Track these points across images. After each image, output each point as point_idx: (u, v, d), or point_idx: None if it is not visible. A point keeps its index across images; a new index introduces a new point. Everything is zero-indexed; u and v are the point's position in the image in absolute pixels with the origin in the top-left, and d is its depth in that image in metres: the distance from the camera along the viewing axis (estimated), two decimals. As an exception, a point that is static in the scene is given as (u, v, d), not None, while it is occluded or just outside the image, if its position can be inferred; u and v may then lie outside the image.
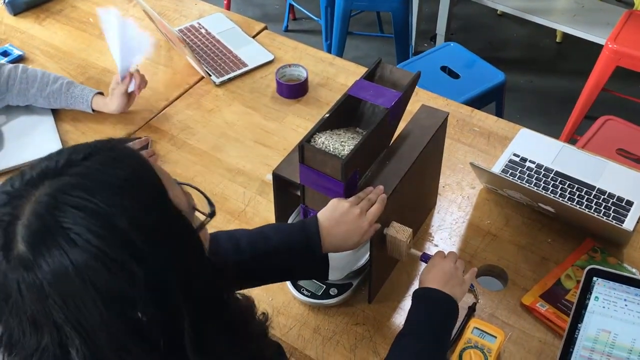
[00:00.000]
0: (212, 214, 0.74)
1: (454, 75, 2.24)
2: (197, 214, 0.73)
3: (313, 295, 1.19)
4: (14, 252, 0.60)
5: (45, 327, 0.61)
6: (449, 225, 1.34)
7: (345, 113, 1.13)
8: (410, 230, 1.10)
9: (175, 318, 0.64)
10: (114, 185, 0.62)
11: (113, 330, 0.61)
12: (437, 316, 1.00)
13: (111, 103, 1.55)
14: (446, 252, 1.10)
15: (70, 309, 0.60)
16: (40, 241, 0.60)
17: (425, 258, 1.12)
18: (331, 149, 1.06)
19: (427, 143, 1.16)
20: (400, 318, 1.18)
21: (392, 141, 1.18)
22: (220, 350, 0.69)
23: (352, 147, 1.03)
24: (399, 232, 1.09)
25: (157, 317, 0.62)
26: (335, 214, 1.02)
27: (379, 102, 1.08)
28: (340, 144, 1.10)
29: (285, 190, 1.18)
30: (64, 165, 0.63)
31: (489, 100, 2.20)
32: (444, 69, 2.25)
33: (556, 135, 2.35)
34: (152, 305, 0.62)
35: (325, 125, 1.09)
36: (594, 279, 1.02)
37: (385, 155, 1.14)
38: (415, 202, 1.25)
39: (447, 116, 1.22)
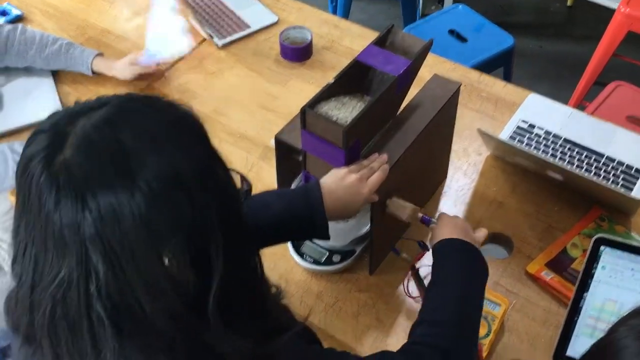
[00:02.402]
0: (248, 192, 0.76)
1: (461, 38, 2.19)
2: None
3: (316, 262, 1.18)
4: (59, 157, 0.59)
5: (72, 250, 0.59)
6: (454, 193, 1.32)
7: (352, 79, 1.10)
8: (412, 207, 1.07)
9: (207, 270, 0.63)
10: (173, 121, 0.64)
11: (144, 267, 0.60)
12: (464, 258, 0.95)
13: (119, 71, 1.52)
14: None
15: (106, 234, 0.58)
16: (91, 151, 0.58)
17: (427, 221, 1.07)
18: (335, 117, 1.04)
19: (436, 114, 1.12)
20: (402, 285, 1.17)
21: (399, 111, 1.15)
22: (240, 314, 0.68)
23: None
24: (399, 209, 1.07)
25: (191, 264, 0.61)
26: (335, 180, 1.00)
27: (387, 69, 1.04)
28: (345, 111, 1.08)
29: (288, 156, 1.16)
30: (128, 100, 0.64)
31: (497, 65, 2.16)
32: (451, 32, 2.20)
33: (565, 102, 2.32)
34: (189, 250, 0.61)
35: (330, 91, 1.06)
36: (602, 247, 1.00)
37: (391, 125, 1.12)
38: (422, 175, 1.22)
39: (459, 87, 1.18)
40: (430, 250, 1.00)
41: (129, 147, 0.59)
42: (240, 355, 0.65)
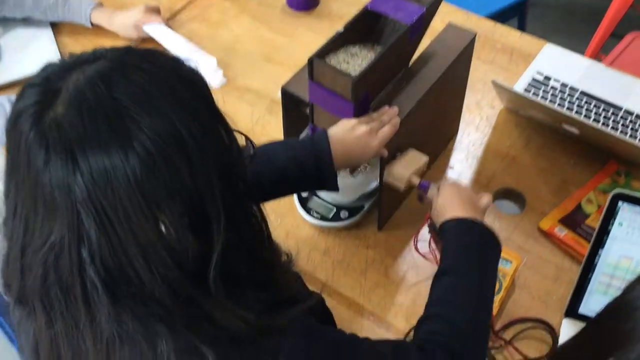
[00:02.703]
0: (253, 155, 0.72)
1: (474, -12, 2.10)
2: None
3: (323, 218, 1.15)
4: (50, 113, 0.55)
5: (63, 213, 0.56)
6: (465, 147, 1.28)
7: (362, 28, 1.05)
8: (425, 160, 1.03)
9: (208, 237, 0.60)
10: (174, 78, 0.60)
11: (139, 233, 0.56)
12: (475, 245, 0.88)
13: (122, 29, 1.47)
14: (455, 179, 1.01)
15: (98, 197, 0.55)
16: (83, 109, 0.55)
17: (425, 186, 1.00)
18: (343, 67, 0.99)
19: (450, 65, 1.07)
20: (412, 242, 1.15)
21: (411, 62, 1.10)
22: (243, 283, 0.65)
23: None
24: (396, 180, 1.03)
25: (190, 231, 0.58)
26: (343, 130, 0.96)
27: (399, 17, 0.99)
28: (354, 63, 1.03)
29: (294, 108, 1.12)
30: (126, 53, 0.60)
31: (510, 16, 2.09)
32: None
33: (580, 54, 2.25)
34: (187, 216, 0.58)
35: (339, 41, 1.02)
36: (620, 203, 0.97)
37: (402, 77, 1.07)
38: (433, 129, 1.17)
39: (475, 37, 1.12)
40: (435, 224, 0.94)
41: (124, 106, 0.55)
42: (243, 328, 0.62)
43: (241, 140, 0.70)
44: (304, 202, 1.18)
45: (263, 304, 0.64)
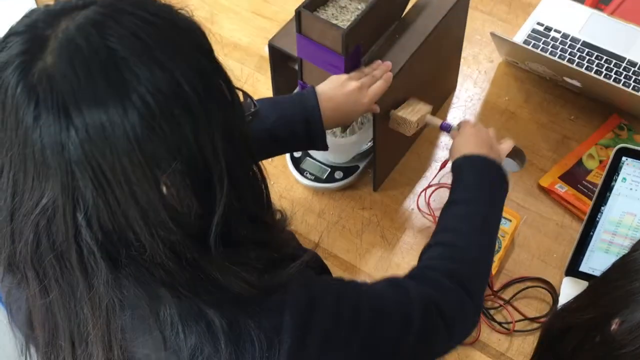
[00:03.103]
0: (255, 113, 0.68)
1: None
2: None
3: (317, 179, 1.12)
4: (38, 64, 0.50)
5: (56, 174, 0.51)
6: (463, 103, 1.24)
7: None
8: (429, 107, 1.00)
9: (209, 197, 0.56)
10: (171, 27, 0.55)
11: (139, 195, 0.52)
12: (487, 180, 0.87)
13: None
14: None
15: (95, 156, 0.50)
16: (75, 58, 0.50)
17: (447, 127, 0.99)
18: (333, 20, 0.94)
19: (445, 16, 1.02)
20: (411, 203, 1.12)
21: (405, 12, 1.05)
22: (243, 243, 0.61)
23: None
24: (401, 124, 1.00)
25: (192, 192, 0.55)
26: (333, 86, 0.92)
27: None
28: (343, 17, 0.98)
29: (283, 65, 1.07)
30: (111, 2, 0.54)
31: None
32: None
33: (580, 3, 2.18)
34: (190, 176, 0.54)
35: (329, -9, 0.96)
36: (623, 158, 0.94)
37: (395, 28, 1.01)
38: (429, 85, 1.12)
39: None
40: (450, 161, 0.92)
41: (120, 55, 0.50)
42: (245, 287, 0.59)
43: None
44: (297, 163, 1.14)
45: (263, 263, 0.62)
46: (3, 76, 0.51)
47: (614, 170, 0.94)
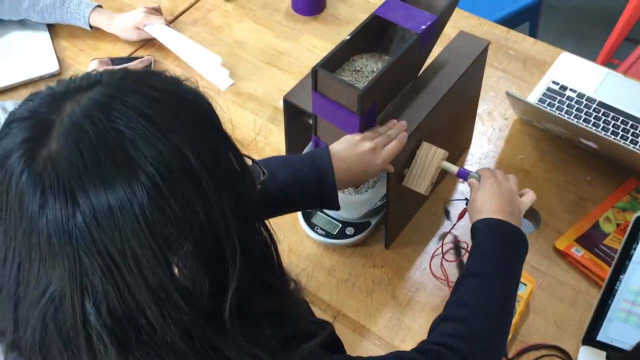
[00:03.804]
0: (265, 181, 0.67)
1: (485, -10, 2.05)
2: None
3: (328, 235, 1.10)
4: (43, 151, 0.49)
5: (63, 261, 0.50)
6: (477, 160, 1.23)
7: (370, 36, 1.00)
8: (445, 153, 0.98)
9: (222, 273, 0.54)
10: (177, 101, 0.54)
11: (150, 278, 0.51)
12: (506, 252, 0.85)
13: (121, 32, 1.42)
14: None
15: (103, 241, 0.49)
16: (82, 143, 0.49)
17: (465, 174, 0.97)
18: (350, 78, 0.94)
19: (462, 76, 1.02)
20: (423, 262, 1.09)
21: (421, 71, 1.05)
22: (256, 317, 0.59)
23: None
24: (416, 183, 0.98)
25: (204, 270, 0.53)
26: (346, 146, 0.91)
27: (408, 25, 0.93)
28: (361, 75, 0.98)
29: (298, 119, 1.07)
30: (123, 77, 0.54)
31: (522, 20, 2.03)
32: (475, -17, 2.06)
33: (592, 59, 2.18)
34: (202, 254, 0.53)
35: (346, 49, 0.96)
36: (643, 227, 0.91)
37: (412, 87, 1.01)
38: (444, 143, 1.11)
39: (488, 46, 1.07)
40: (470, 219, 0.90)
41: (127, 135, 0.49)
42: None
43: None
44: (308, 218, 1.12)
45: (276, 339, 0.60)
46: (7, 164, 0.51)
47: (633, 238, 0.91)
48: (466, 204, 0.96)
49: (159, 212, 0.49)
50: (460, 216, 1.02)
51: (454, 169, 0.99)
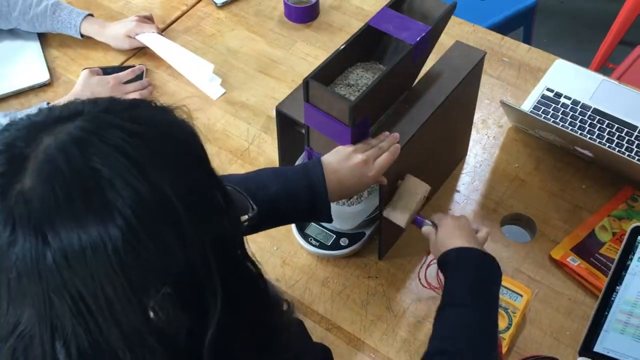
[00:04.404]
0: (254, 217, 0.65)
1: (479, -5, 2.04)
2: None
3: (322, 246, 1.09)
4: (16, 187, 0.47)
5: (33, 301, 0.49)
6: (472, 169, 1.22)
7: (364, 46, 0.99)
8: (426, 189, 0.98)
9: (201, 314, 0.53)
10: (162, 137, 0.52)
11: (124, 323, 0.49)
12: (484, 278, 0.85)
13: (113, 40, 1.40)
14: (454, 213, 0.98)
15: (74, 282, 0.47)
16: (55, 181, 0.47)
17: (420, 222, 0.98)
18: (342, 90, 0.93)
19: (457, 86, 1.01)
20: (418, 272, 1.08)
21: (416, 81, 1.04)
22: (242, 352, 0.58)
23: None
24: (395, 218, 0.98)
25: (182, 312, 0.51)
26: (338, 159, 0.90)
27: (402, 36, 0.93)
28: (355, 86, 0.97)
29: (290, 129, 1.06)
30: (106, 109, 0.52)
31: (516, 25, 2.02)
32: (468, -12, 2.05)
33: (587, 63, 2.18)
34: (179, 298, 0.51)
35: (339, 60, 0.95)
36: (639, 238, 0.90)
37: (406, 98, 1.00)
38: (438, 154, 1.10)
39: (484, 56, 1.06)
40: (434, 257, 0.91)
41: (103, 174, 0.47)
42: None
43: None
44: (301, 229, 1.11)
45: None
46: None
47: (629, 249, 0.91)
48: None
49: (134, 255, 0.48)
50: (428, 253, 1.01)
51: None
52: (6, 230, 0.47)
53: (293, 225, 1.12)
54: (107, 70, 1.36)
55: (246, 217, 0.64)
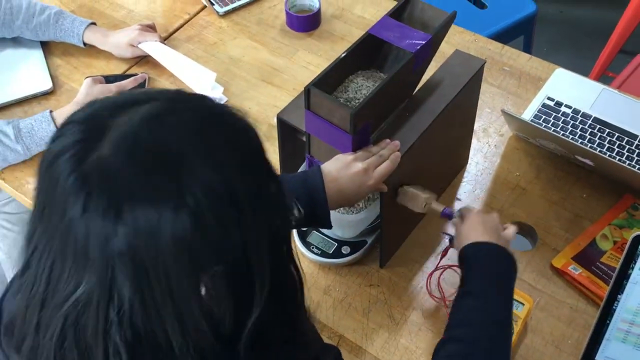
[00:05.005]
0: (299, 218, 0.70)
1: (479, 3, 2.05)
2: None
3: (323, 254, 1.09)
4: (94, 154, 0.48)
5: (95, 265, 0.49)
6: (473, 177, 1.22)
7: (365, 54, 0.99)
8: (426, 196, 0.98)
9: (246, 301, 0.54)
10: (229, 128, 0.54)
11: (178, 295, 0.50)
12: (501, 270, 0.86)
13: (116, 49, 1.41)
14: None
15: (140, 252, 0.48)
16: (134, 151, 0.48)
17: (448, 213, 0.98)
18: (343, 97, 0.94)
19: (457, 94, 1.01)
20: (420, 280, 1.09)
21: (416, 89, 1.04)
22: (273, 344, 0.60)
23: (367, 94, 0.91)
24: (411, 200, 0.98)
25: (231, 296, 0.53)
26: (338, 167, 0.91)
27: (402, 45, 0.93)
28: (354, 99, 0.98)
29: (292, 137, 1.06)
30: (177, 93, 0.55)
31: (517, 34, 2.03)
32: (469, -3, 2.07)
33: (587, 71, 2.18)
34: (231, 280, 0.53)
35: (340, 68, 0.96)
36: (640, 247, 0.91)
37: (406, 106, 1.01)
38: (439, 162, 1.11)
39: (484, 65, 1.06)
40: (456, 250, 0.91)
41: (180, 152, 0.49)
42: None
43: None
44: (303, 237, 1.11)
45: None
46: (55, 164, 0.50)
47: (630, 258, 0.91)
48: (449, 241, 0.97)
49: (199, 234, 0.49)
50: (444, 254, 1.01)
51: (439, 207, 0.99)
52: (80, 197, 0.48)
53: (295, 233, 1.12)
54: (109, 79, 1.36)
55: (294, 215, 0.66)
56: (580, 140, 1.24)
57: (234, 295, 0.53)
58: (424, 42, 0.93)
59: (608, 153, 1.22)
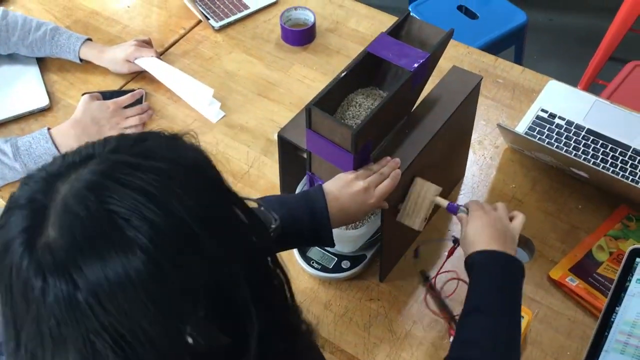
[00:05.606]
0: (277, 228, 0.68)
1: (470, 14, 2.07)
2: None
3: (324, 269, 1.10)
4: (41, 239, 0.49)
5: (75, 345, 0.50)
6: (469, 190, 1.24)
7: (363, 72, 1.00)
8: (438, 189, 0.99)
9: (240, 330, 0.54)
10: (175, 167, 0.53)
11: (165, 351, 0.51)
12: (507, 283, 0.85)
13: (112, 65, 1.42)
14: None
15: (110, 319, 0.49)
16: (76, 228, 0.49)
17: (454, 209, 0.97)
18: (343, 117, 0.95)
19: (455, 111, 1.02)
20: (419, 294, 1.10)
21: (415, 107, 1.05)
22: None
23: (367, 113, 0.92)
24: (410, 220, 0.99)
25: (220, 331, 0.53)
26: (340, 186, 0.91)
27: (401, 63, 0.94)
28: (356, 118, 0.99)
29: (292, 153, 1.07)
30: (115, 149, 0.53)
31: (508, 44, 2.05)
32: (460, 8, 2.09)
33: (576, 79, 2.21)
34: (214, 318, 0.52)
35: (340, 85, 0.97)
36: (637, 260, 0.92)
37: (405, 123, 1.02)
38: (437, 177, 1.12)
39: (480, 81, 1.08)
40: (462, 248, 0.91)
41: (121, 214, 0.49)
42: None
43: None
44: (303, 252, 1.12)
45: None
46: (8, 254, 0.51)
47: (627, 271, 0.92)
48: (454, 242, 0.98)
49: (161, 285, 0.49)
50: (450, 254, 1.02)
51: (444, 203, 0.99)
52: (38, 281, 0.49)
53: (295, 249, 1.13)
54: (106, 95, 1.37)
55: (272, 227, 0.66)
56: (574, 152, 1.26)
57: (223, 329, 0.53)
58: (422, 60, 0.94)
59: (602, 164, 1.23)
